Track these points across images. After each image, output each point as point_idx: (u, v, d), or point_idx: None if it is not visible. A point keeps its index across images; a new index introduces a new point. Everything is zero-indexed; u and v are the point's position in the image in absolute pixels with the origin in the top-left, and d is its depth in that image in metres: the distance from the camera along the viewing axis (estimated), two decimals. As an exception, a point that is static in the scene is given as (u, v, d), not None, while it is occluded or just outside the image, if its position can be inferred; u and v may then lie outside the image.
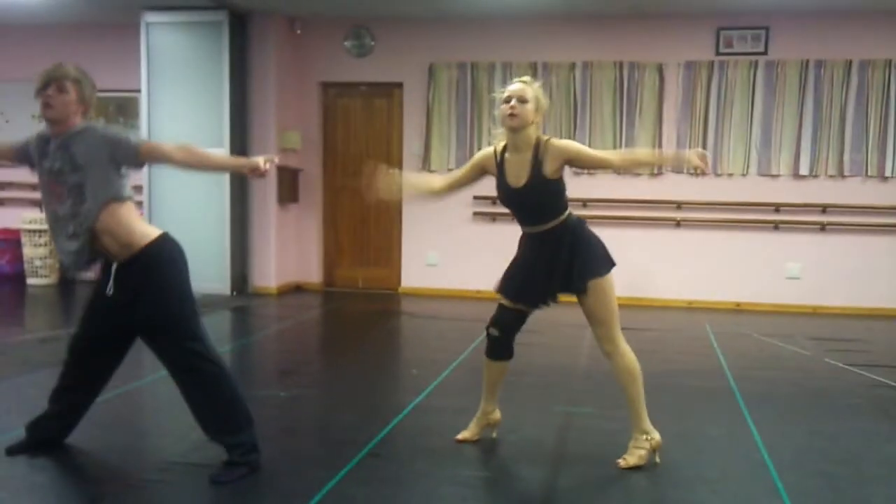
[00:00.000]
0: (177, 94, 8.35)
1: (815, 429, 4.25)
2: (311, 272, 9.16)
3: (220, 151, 8.26)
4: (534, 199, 3.57)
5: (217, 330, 6.97)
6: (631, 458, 3.56)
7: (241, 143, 8.36)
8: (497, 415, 3.97)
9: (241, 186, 8.45)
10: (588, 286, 3.56)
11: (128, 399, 4.50)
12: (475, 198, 8.59)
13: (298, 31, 8.66)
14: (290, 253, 8.95)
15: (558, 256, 3.56)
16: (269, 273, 8.66)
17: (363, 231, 9.10)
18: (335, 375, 5.45)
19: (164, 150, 3.35)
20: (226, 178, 8.25)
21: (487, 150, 3.74)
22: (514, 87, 3.60)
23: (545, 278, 3.62)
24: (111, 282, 3.27)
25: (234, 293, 8.42)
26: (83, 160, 3.19)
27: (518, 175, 3.56)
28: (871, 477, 3.52)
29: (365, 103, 9.01)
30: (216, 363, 3.34)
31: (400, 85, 8.79)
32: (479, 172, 3.79)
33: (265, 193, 8.55)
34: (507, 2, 7.76)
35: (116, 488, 3.26)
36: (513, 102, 3.53)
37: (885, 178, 7.94)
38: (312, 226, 9.09)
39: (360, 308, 8.14)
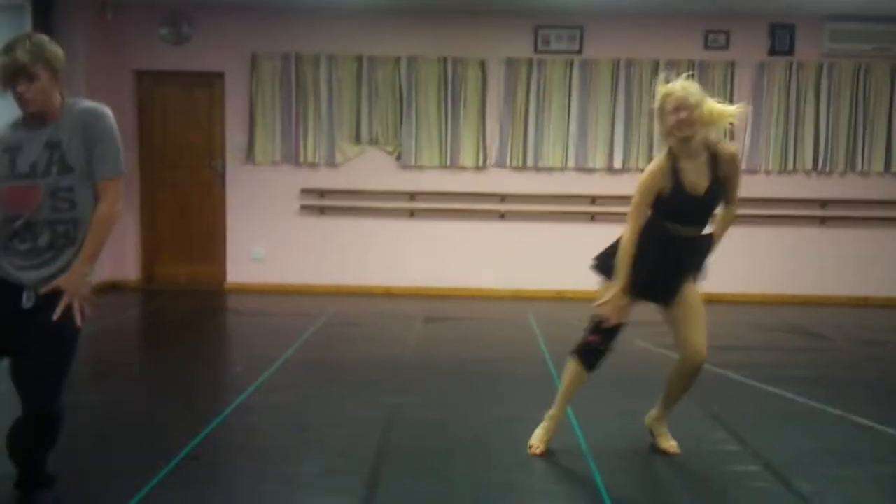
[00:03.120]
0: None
1: (626, 409, 4.48)
2: (129, 269, 8.73)
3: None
4: (712, 205, 3.50)
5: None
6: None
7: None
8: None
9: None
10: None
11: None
12: (303, 191, 8.48)
13: (109, 17, 8.19)
14: (103, 249, 8.45)
15: (693, 260, 3.57)
16: (82, 272, 8.15)
17: (184, 225, 8.76)
18: (154, 377, 5.22)
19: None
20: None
21: (654, 171, 3.47)
22: (678, 93, 3.36)
23: (679, 277, 3.58)
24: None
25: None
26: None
27: (696, 182, 3.43)
28: (674, 453, 3.76)
29: (184, 93, 8.67)
30: None
31: (221, 75, 8.52)
32: (654, 197, 3.49)
33: (76, 187, 8.05)
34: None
35: None
36: (682, 114, 3.34)
37: (689, 172, 8.48)
38: (129, 220, 8.64)
39: (182, 306, 7.84)
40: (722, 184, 3.48)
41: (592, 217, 8.47)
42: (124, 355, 6.03)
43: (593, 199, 8.46)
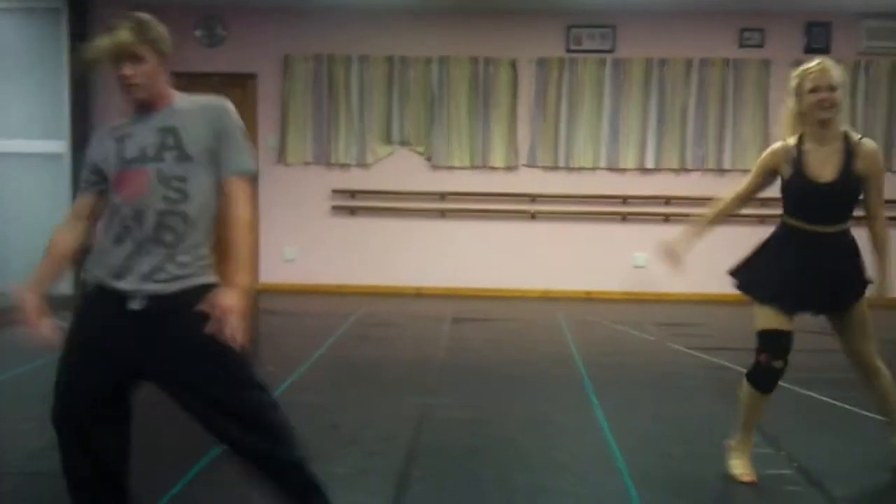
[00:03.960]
0: (12, 84, 7.86)
1: (658, 411, 4.45)
2: (163, 269, 8.83)
3: (61, 144, 7.87)
4: (842, 197, 3.23)
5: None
6: None
7: (82, 135, 7.95)
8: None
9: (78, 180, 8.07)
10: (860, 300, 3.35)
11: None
12: (334, 191, 8.53)
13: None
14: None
15: (840, 263, 3.30)
16: (118, 271, 8.28)
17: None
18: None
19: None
20: (64, 168, 7.86)
21: (775, 148, 3.32)
22: (819, 73, 3.16)
23: (828, 285, 3.29)
24: None
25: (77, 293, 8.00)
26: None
27: (822, 169, 3.20)
28: (706, 455, 3.72)
29: (217, 94, 8.71)
30: None
31: (254, 76, 8.59)
32: (769, 175, 3.35)
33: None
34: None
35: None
36: (823, 94, 3.14)
37: (722, 172, 8.39)
38: (164, 221, 8.76)
39: (215, 305, 7.90)
40: (857, 181, 3.22)
41: (624, 217, 8.42)
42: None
43: (625, 200, 8.41)
